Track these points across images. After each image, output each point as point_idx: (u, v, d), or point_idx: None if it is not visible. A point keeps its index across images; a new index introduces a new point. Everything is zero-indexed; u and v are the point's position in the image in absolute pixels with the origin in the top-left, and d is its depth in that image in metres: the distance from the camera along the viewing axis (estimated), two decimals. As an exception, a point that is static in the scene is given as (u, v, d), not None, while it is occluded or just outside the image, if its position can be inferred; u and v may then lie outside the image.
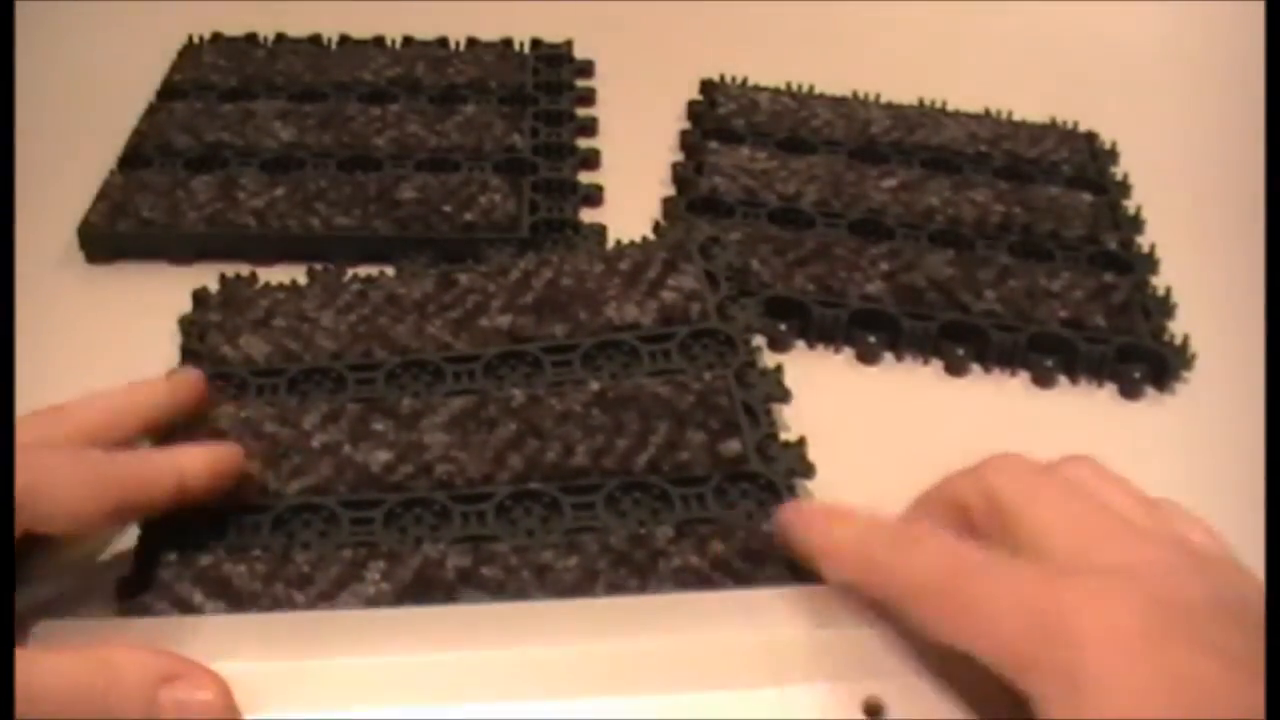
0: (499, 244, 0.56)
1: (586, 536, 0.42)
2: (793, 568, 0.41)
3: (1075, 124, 0.69)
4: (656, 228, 0.59)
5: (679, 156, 0.66)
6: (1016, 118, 0.69)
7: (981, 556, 0.32)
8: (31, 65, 0.71)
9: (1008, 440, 0.40)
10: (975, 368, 0.53)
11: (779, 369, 0.49)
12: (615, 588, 0.40)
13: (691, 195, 0.61)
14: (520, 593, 0.40)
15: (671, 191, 0.63)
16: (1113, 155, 0.67)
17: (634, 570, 0.41)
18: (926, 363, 0.54)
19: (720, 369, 0.48)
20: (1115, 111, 0.70)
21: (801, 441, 0.46)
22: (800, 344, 0.54)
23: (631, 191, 0.63)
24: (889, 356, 0.54)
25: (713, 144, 0.65)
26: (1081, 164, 0.65)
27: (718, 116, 0.68)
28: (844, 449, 0.46)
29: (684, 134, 0.68)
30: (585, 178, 0.63)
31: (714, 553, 0.41)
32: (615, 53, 0.75)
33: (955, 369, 0.53)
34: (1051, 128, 0.69)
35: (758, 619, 0.36)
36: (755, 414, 0.47)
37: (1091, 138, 0.68)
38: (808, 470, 0.45)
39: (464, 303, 0.52)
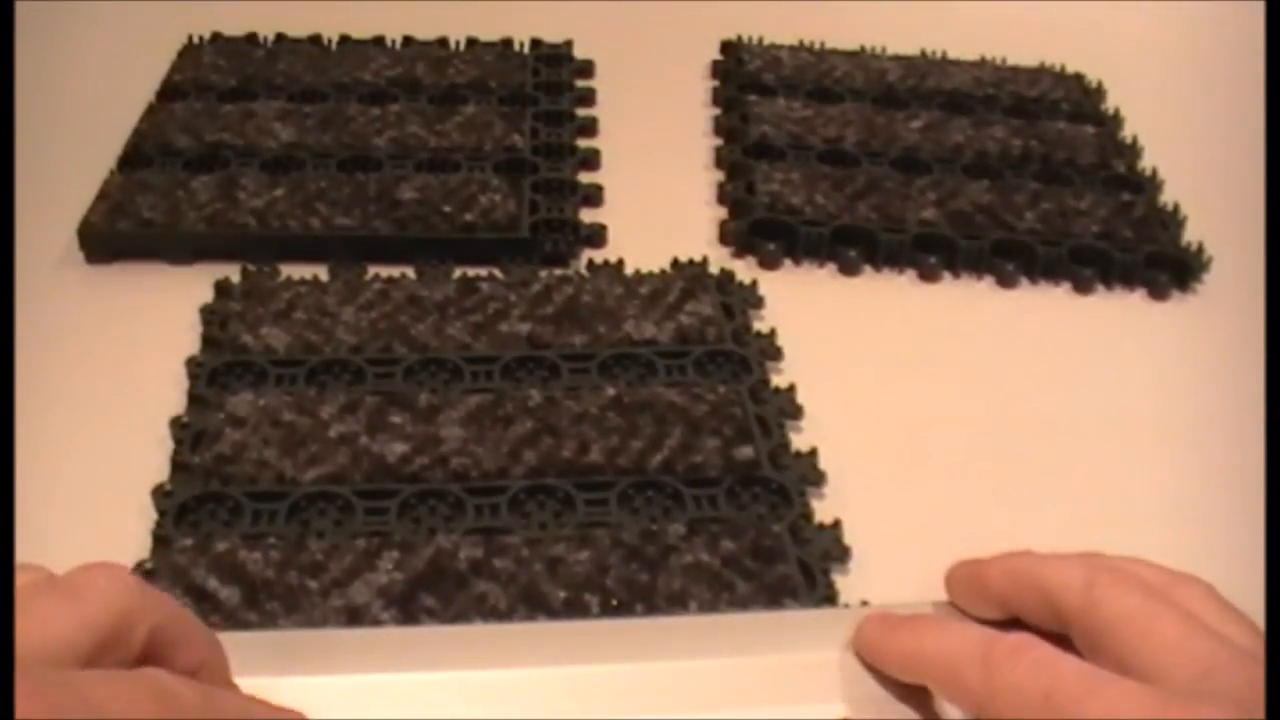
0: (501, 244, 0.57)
1: (599, 531, 0.42)
2: (804, 567, 0.41)
3: (1063, 66, 0.77)
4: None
5: (680, 155, 0.68)
6: (1010, 63, 0.77)
7: (1086, 675, 0.29)
8: (31, 65, 0.71)
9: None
10: (1023, 281, 0.60)
11: (791, 388, 0.50)
12: (626, 581, 0.40)
13: (744, 143, 0.66)
14: (531, 584, 0.40)
15: (670, 191, 0.64)
16: (1100, 93, 0.74)
17: (645, 565, 0.41)
18: (980, 278, 0.59)
19: (735, 385, 0.49)
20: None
21: (813, 452, 0.47)
22: (867, 269, 0.60)
23: (631, 192, 0.63)
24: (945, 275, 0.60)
25: (752, 96, 0.70)
26: (1078, 101, 0.73)
27: (747, 72, 0.72)
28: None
29: (715, 91, 0.73)
30: (585, 178, 0.64)
31: (725, 550, 0.42)
32: (615, 53, 0.75)
33: (1006, 282, 0.59)
34: (1044, 71, 0.76)
35: (772, 642, 0.36)
36: (768, 426, 0.47)
37: (1079, 78, 0.76)
38: (818, 479, 0.46)
39: (485, 308, 0.53)
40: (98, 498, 0.45)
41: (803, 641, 0.35)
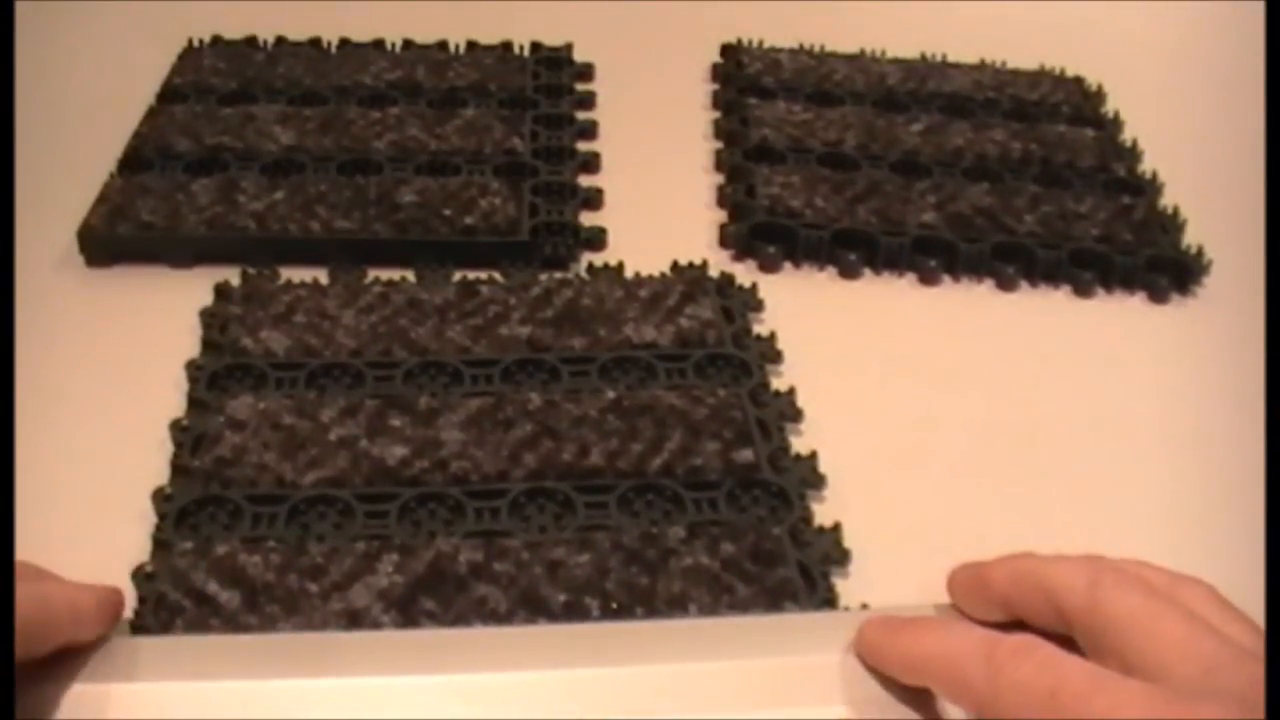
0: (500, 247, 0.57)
1: (599, 534, 0.42)
2: (803, 570, 0.41)
3: (1063, 69, 0.76)
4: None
5: (680, 158, 0.68)
6: (1010, 66, 0.77)
7: (1089, 674, 0.29)
8: (32, 67, 0.71)
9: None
10: (1023, 284, 0.60)
11: (791, 391, 0.50)
12: (626, 585, 0.40)
13: (744, 146, 0.66)
14: (531, 587, 0.40)
15: (670, 194, 0.65)
16: (1100, 96, 0.74)
17: (645, 568, 0.41)
18: (980, 281, 0.59)
19: (735, 388, 0.49)
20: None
21: (813, 455, 0.47)
22: (867, 272, 0.60)
23: (631, 195, 0.63)
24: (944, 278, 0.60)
25: (752, 99, 0.70)
26: (1078, 104, 0.73)
27: (747, 75, 0.72)
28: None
29: (715, 94, 0.74)
30: (585, 181, 0.64)
31: (725, 553, 0.42)
32: (615, 56, 0.75)
33: (1006, 285, 0.59)
34: (1044, 74, 0.76)
35: (772, 645, 0.36)
36: (768, 429, 0.47)
37: (1079, 81, 0.76)
38: (818, 482, 0.46)
39: (485, 311, 0.53)
40: (98, 501, 0.44)
41: (803, 644, 0.35)
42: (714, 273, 0.57)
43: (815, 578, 0.41)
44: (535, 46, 0.75)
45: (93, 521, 0.44)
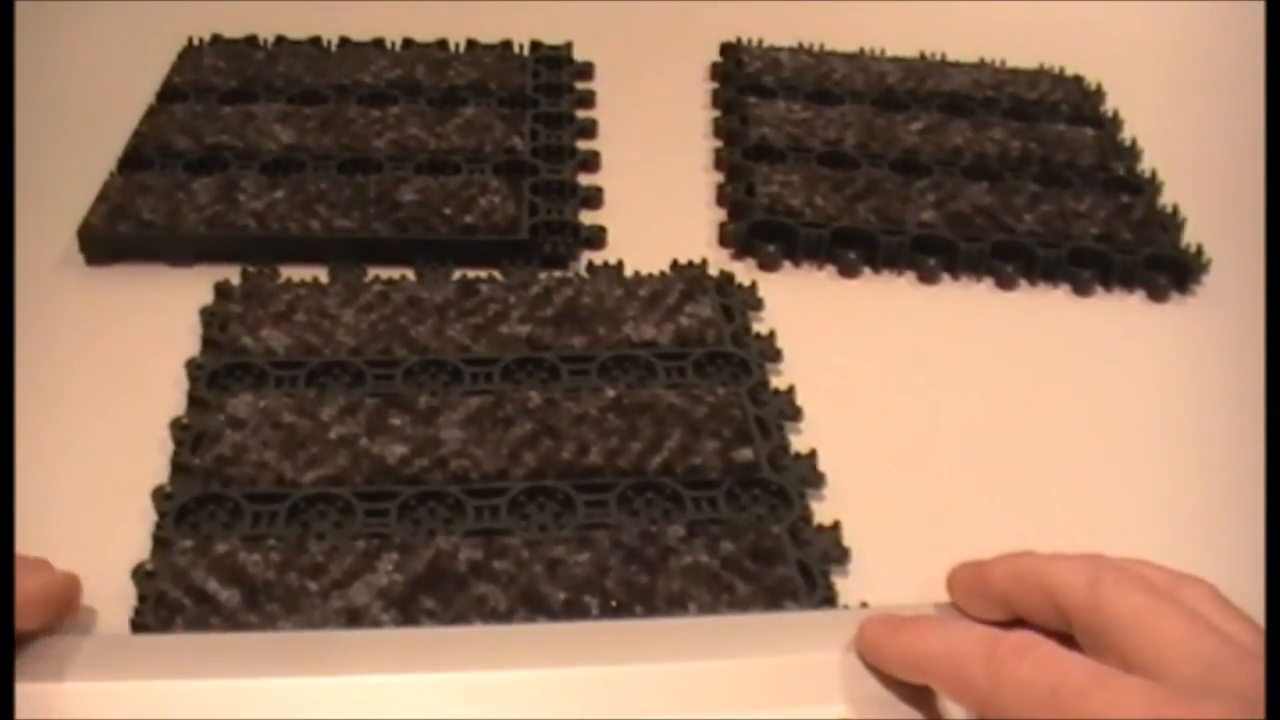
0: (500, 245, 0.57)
1: (598, 533, 0.42)
2: (803, 569, 0.41)
3: (1062, 68, 0.77)
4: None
5: (680, 157, 0.68)
6: (1009, 65, 0.77)
7: (1090, 672, 0.29)
8: (32, 66, 0.71)
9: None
10: (1022, 283, 0.60)
11: (791, 390, 0.50)
12: (625, 583, 0.40)
13: (744, 145, 0.66)
14: (531, 586, 0.40)
15: (670, 193, 0.65)
16: (1099, 95, 0.74)
17: (644, 567, 0.41)
18: (979, 280, 0.60)
19: (734, 386, 0.49)
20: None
21: (813, 454, 0.47)
22: (867, 270, 0.60)
23: (631, 194, 0.63)
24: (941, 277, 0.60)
25: (752, 98, 0.70)
26: (1077, 103, 0.73)
27: (747, 74, 0.73)
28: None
29: (715, 93, 0.74)
30: (585, 180, 0.64)
31: (724, 552, 0.42)
32: (615, 55, 0.75)
33: (1006, 284, 0.59)
34: (1043, 73, 0.76)
35: (771, 643, 0.36)
36: (767, 428, 0.47)
37: (1079, 80, 0.76)
38: (818, 481, 0.46)
39: (484, 310, 0.53)
40: (98, 499, 0.45)
41: (803, 643, 0.36)
42: (713, 271, 0.57)
43: (815, 576, 0.41)
44: (535, 45, 0.75)
45: (93, 519, 0.44)
